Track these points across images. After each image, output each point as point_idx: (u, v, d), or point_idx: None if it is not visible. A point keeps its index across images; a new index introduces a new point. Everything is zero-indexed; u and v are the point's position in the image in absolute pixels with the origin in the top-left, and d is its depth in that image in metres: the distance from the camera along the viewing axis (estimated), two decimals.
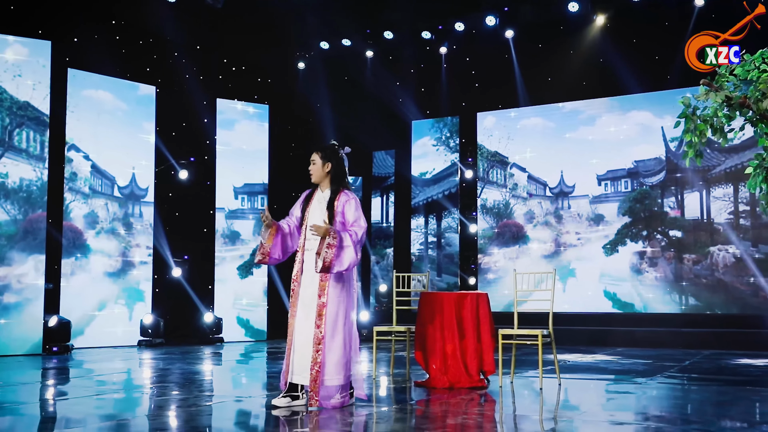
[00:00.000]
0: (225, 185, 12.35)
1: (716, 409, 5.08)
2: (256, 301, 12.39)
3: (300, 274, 5.15)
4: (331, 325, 4.97)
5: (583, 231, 12.25)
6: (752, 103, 4.28)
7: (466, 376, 6.10)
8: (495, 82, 12.98)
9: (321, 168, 5.21)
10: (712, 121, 4.44)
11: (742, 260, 11.08)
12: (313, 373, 4.88)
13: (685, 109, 4.55)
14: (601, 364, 8.08)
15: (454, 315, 6.18)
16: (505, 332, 6.17)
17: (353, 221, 5.05)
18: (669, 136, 11.75)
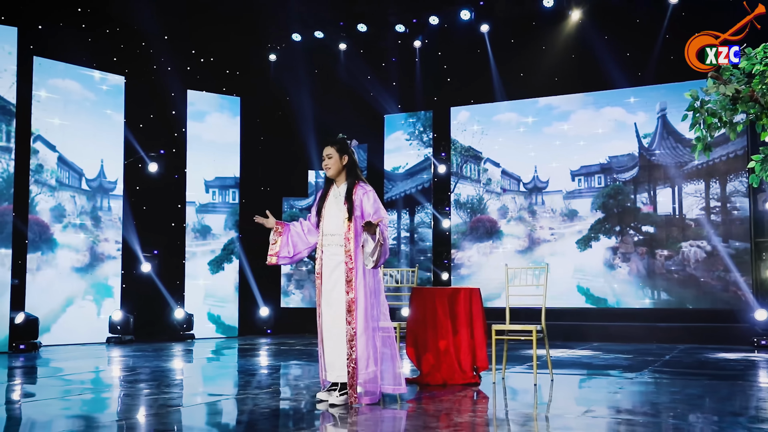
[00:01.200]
0: (196, 178, 12.09)
1: (718, 404, 5.09)
2: (228, 296, 12.18)
3: (321, 271, 5.07)
4: (363, 320, 4.92)
5: (556, 226, 12.29)
6: (759, 96, 4.26)
7: (460, 373, 6.02)
8: (469, 76, 12.93)
9: (339, 161, 5.13)
10: (721, 114, 4.41)
11: (713, 255, 11.23)
12: (349, 370, 4.85)
13: (692, 102, 4.51)
14: (583, 359, 8.09)
15: (448, 311, 6.09)
16: (498, 328, 6.10)
17: (373, 213, 4.95)
18: (642, 132, 11.84)
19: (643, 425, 4.15)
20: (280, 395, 5.44)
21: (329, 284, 5.02)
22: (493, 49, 12.68)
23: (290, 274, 13.48)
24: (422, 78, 13.28)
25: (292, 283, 13.45)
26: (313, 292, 13.32)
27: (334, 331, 4.97)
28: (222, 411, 4.88)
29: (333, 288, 5.00)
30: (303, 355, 8.85)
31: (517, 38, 12.62)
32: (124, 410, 4.90)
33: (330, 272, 5.02)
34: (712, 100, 4.52)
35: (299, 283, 13.43)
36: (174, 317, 11.39)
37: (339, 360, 4.92)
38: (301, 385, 6.01)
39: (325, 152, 5.17)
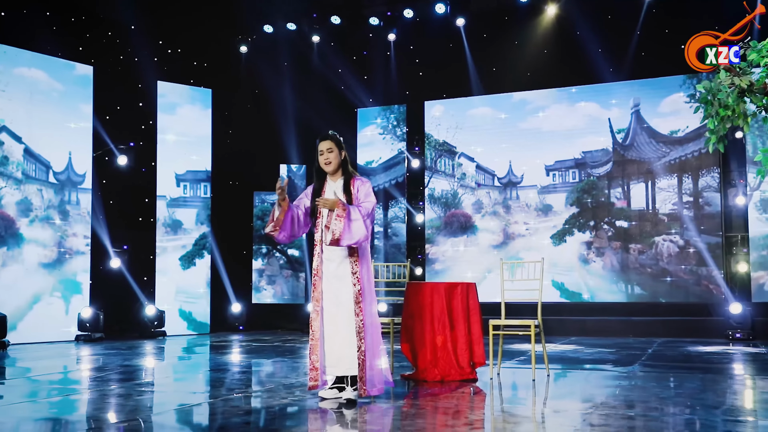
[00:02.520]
0: (166, 172, 11.81)
1: (720, 398, 5.10)
2: (199, 292, 11.93)
3: (321, 268, 4.96)
4: (369, 312, 4.89)
5: (531, 221, 12.31)
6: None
7: (457, 368, 5.94)
8: (444, 70, 12.87)
9: (339, 156, 5.04)
10: (734, 106, 4.40)
11: (686, 250, 11.37)
12: (359, 362, 4.79)
13: (704, 94, 4.49)
14: (568, 354, 8.09)
15: (445, 306, 6.01)
16: (495, 323, 6.04)
17: (363, 198, 4.87)
18: (616, 127, 11.93)
19: (659, 421, 4.13)
20: (274, 394, 5.29)
21: (337, 278, 4.90)
22: (468, 43, 12.63)
23: (261, 270, 13.27)
24: (396, 72, 13.17)
25: (264, 278, 13.24)
26: (285, 288, 13.15)
27: (341, 325, 4.86)
28: (214, 412, 4.71)
29: (341, 282, 4.89)
30: (285, 352, 8.69)
31: (491, 32, 12.61)
32: (94, 412, 4.66)
33: (336, 266, 4.92)
34: (722, 92, 4.50)
35: (271, 279, 13.23)
36: (145, 314, 11.10)
37: (349, 353, 4.83)
38: (289, 384, 5.86)
39: (325, 146, 5.03)
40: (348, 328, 4.85)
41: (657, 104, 11.73)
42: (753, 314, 10.19)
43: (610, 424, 4.01)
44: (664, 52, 11.70)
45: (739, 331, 9.88)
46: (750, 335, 9.83)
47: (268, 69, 13.13)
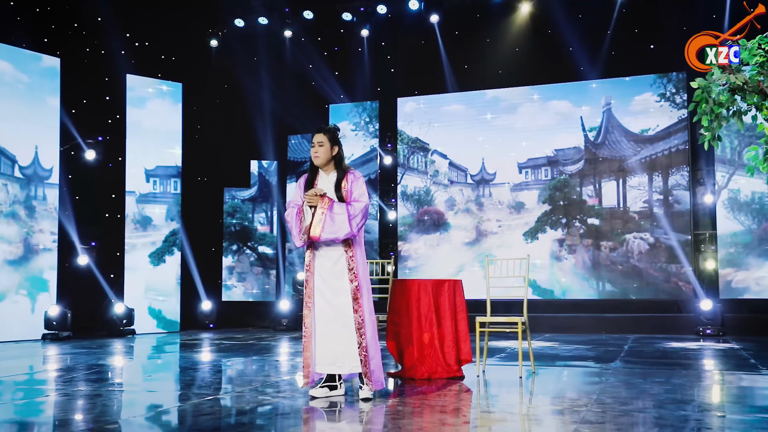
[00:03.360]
0: (136, 167, 11.58)
1: (709, 394, 5.15)
2: (169, 290, 11.73)
3: (313, 263, 4.89)
4: (367, 308, 4.85)
5: (503, 218, 12.35)
6: (765, 87, 4.30)
7: (444, 366, 5.90)
8: (416, 67, 12.83)
9: (329, 151, 4.97)
10: (728, 104, 4.43)
11: (656, 247, 11.51)
12: (362, 358, 4.76)
13: (699, 92, 4.51)
14: (547, 351, 8.11)
15: (432, 303, 5.97)
16: (482, 320, 6.02)
17: (356, 197, 4.81)
18: (588, 125, 12.02)
19: (658, 417, 4.14)
20: (263, 393, 5.20)
21: (334, 276, 4.84)
22: (441, 40, 12.62)
23: (232, 267, 13.11)
24: (369, 68, 13.11)
25: (234, 276, 13.08)
26: (256, 285, 13.00)
27: (339, 323, 4.80)
28: (200, 413, 4.61)
29: (339, 279, 4.83)
30: (262, 350, 8.58)
31: (465, 30, 12.61)
32: (61, 414, 4.48)
33: (333, 263, 4.86)
34: (715, 90, 4.53)
35: (241, 276, 13.07)
36: (113, 312, 10.86)
37: (350, 351, 4.77)
38: (274, 383, 5.77)
39: (316, 139, 4.97)
40: (347, 325, 4.79)
41: (628, 103, 11.86)
42: (722, 311, 10.35)
43: (610, 420, 4.01)
44: (635, 52, 11.85)
45: (710, 327, 10.03)
46: (720, 331, 9.98)
47: (240, 64, 12.96)
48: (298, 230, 4.85)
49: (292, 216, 4.91)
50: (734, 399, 5.03)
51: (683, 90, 11.60)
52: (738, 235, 11.12)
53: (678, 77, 11.62)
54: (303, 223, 4.82)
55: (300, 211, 4.87)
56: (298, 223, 4.85)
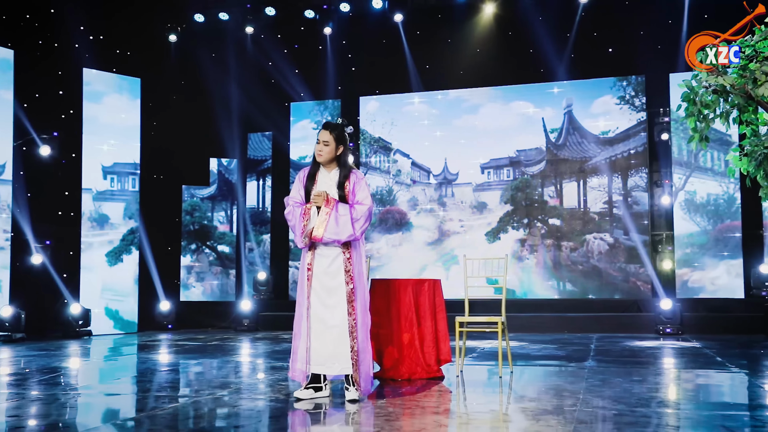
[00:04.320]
0: (92, 164, 11.26)
1: (690, 390, 5.23)
2: (127, 290, 11.44)
3: (312, 262, 4.78)
4: (361, 311, 4.79)
5: (466, 218, 12.40)
6: (750, 90, 4.37)
7: (424, 366, 5.87)
8: (379, 66, 12.78)
9: (334, 151, 4.87)
10: (715, 106, 4.48)
11: (615, 247, 11.70)
12: (353, 361, 4.70)
13: (687, 93, 4.55)
14: (517, 350, 8.15)
15: (413, 302, 5.92)
16: (462, 320, 6.01)
17: (360, 199, 4.75)
18: (549, 127, 12.15)
19: (648, 416, 4.18)
20: (248, 395, 5.08)
21: (329, 276, 4.77)
22: (404, 40, 12.60)
23: (190, 266, 12.87)
24: (331, 66, 13.01)
25: (193, 275, 12.84)
26: (215, 285, 12.79)
27: (332, 324, 4.73)
28: (187, 416, 4.48)
29: (334, 279, 4.76)
30: (230, 351, 8.42)
31: (428, 29, 12.62)
32: (12, 420, 4.25)
33: (329, 263, 4.79)
34: (699, 92, 4.58)
35: (200, 276, 12.84)
36: (69, 312, 10.54)
37: (342, 352, 4.70)
38: (252, 384, 5.66)
39: (322, 137, 4.87)
40: (340, 326, 4.72)
41: (589, 105, 12.02)
42: (681, 310, 10.56)
43: (603, 420, 4.02)
44: (595, 55, 12.03)
45: (669, 326, 10.21)
46: (679, 330, 10.18)
47: (200, 60, 12.72)
48: (301, 231, 4.75)
49: (296, 216, 4.80)
50: (722, 396, 5.12)
51: (642, 93, 11.82)
52: (694, 235, 11.37)
53: (637, 80, 11.83)
54: (308, 224, 4.73)
55: (305, 212, 4.78)
56: (301, 223, 4.76)
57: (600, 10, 11.88)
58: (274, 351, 8.29)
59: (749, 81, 4.44)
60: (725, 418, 4.10)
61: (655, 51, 11.74)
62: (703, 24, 11.54)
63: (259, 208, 13.12)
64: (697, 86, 4.67)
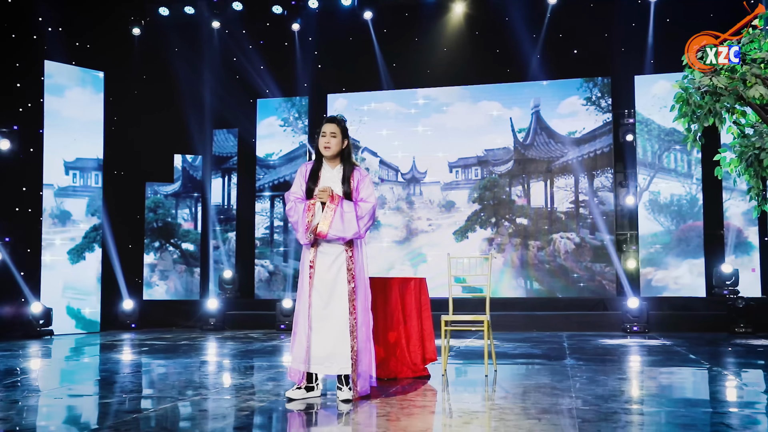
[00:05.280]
0: (54, 159, 10.95)
1: (678, 388, 5.29)
2: (89, 288, 11.16)
3: (315, 259, 4.69)
4: (362, 311, 4.73)
5: (434, 217, 12.41)
6: (742, 91, 4.43)
7: (410, 365, 5.83)
8: (348, 64, 12.72)
9: (340, 143, 4.79)
10: (708, 107, 4.53)
11: (582, 247, 11.84)
12: (352, 362, 4.62)
13: (680, 94, 4.59)
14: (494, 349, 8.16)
15: (399, 301, 5.88)
16: (447, 318, 5.99)
17: (364, 197, 4.68)
18: (517, 127, 12.24)
19: (648, 415, 4.21)
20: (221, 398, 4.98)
21: (330, 274, 4.69)
22: (373, 38, 12.56)
23: (154, 264, 12.61)
24: (299, 63, 12.89)
25: (156, 274, 12.59)
26: (179, 284, 12.57)
27: (332, 323, 4.65)
28: (185, 417, 4.37)
29: (336, 277, 4.68)
30: (202, 350, 8.26)
31: (397, 28, 12.60)
32: None
33: (332, 261, 4.71)
34: (692, 93, 4.63)
35: (164, 274, 12.60)
36: (30, 312, 10.24)
37: (342, 352, 4.63)
38: (240, 385, 5.56)
39: (329, 129, 4.78)
40: (340, 325, 4.65)
41: (556, 106, 12.14)
42: (647, 308, 10.73)
43: (605, 419, 4.04)
44: (563, 56, 12.15)
45: (636, 324, 10.37)
46: (645, 328, 10.34)
47: (165, 54, 12.48)
48: (305, 227, 4.66)
49: (299, 212, 4.71)
50: (708, 392, 5.19)
51: (608, 94, 11.98)
52: (658, 235, 11.57)
53: (603, 82, 11.99)
54: (313, 220, 4.64)
55: (308, 207, 4.69)
56: (305, 219, 4.67)
57: (568, 11, 12.01)
58: (249, 351, 8.16)
59: (739, 82, 4.50)
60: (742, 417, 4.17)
61: (621, 53, 11.92)
62: (666, 28, 11.80)
63: (225, 206, 12.93)
64: (689, 88, 4.72)
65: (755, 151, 4.51)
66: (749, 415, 4.25)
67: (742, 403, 4.72)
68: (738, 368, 6.51)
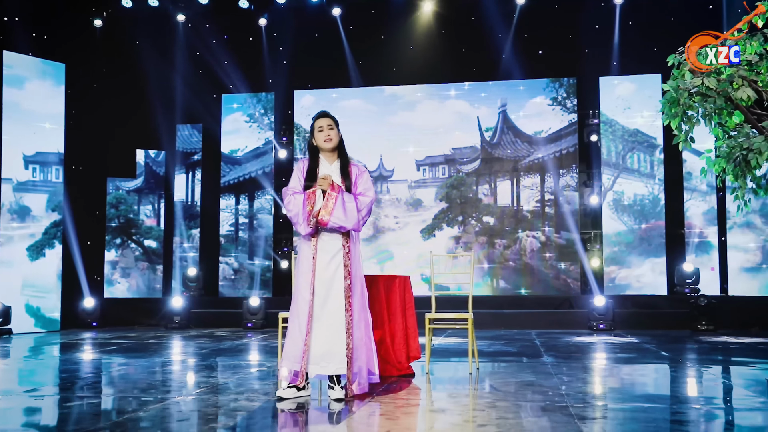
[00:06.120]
0: (13, 153, 10.62)
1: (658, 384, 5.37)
2: (49, 286, 10.86)
3: (315, 254, 4.62)
4: (359, 308, 4.67)
5: (401, 215, 12.40)
6: (731, 93, 4.50)
7: (395, 364, 5.80)
8: (315, 60, 12.61)
9: (338, 135, 4.76)
10: (698, 108, 4.58)
11: (547, 245, 11.96)
12: (347, 360, 4.57)
13: (670, 94, 4.63)
14: (465, 347, 8.19)
15: (384, 299, 5.84)
16: (431, 316, 5.97)
17: (362, 191, 4.64)
18: (484, 126, 12.30)
19: (651, 412, 4.26)
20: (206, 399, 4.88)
21: (329, 271, 4.63)
22: (341, 35, 12.48)
23: (115, 262, 12.34)
24: (265, 58, 12.74)
25: (118, 271, 12.32)
26: (141, 281, 12.32)
27: (329, 321, 4.59)
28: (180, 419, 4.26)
29: (333, 274, 4.62)
30: (175, 351, 8.10)
31: (366, 25, 12.54)
32: None
33: (330, 258, 4.65)
34: (682, 93, 4.67)
35: (125, 272, 12.33)
36: None
37: (338, 351, 4.57)
38: (224, 385, 5.45)
39: (325, 123, 4.76)
40: (336, 323, 4.59)
41: (522, 105, 12.24)
42: (613, 306, 10.89)
43: (602, 416, 4.07)
44: (530, 56, 12.25)
45: (602, 322, 10.52)
46: (611, 326, 10.50)
47: (127, 47, 12.21)
48: (305, 215, 4.59)
49: (299, 201, 4.63)
50: (692, 388, 5.28)
51: (574, 95, 12.13)
52: (621, 234, 11.76)
53: (569, 82, 12.13)
54: (314, 207, 4.57)
55: (309, 196, 4.62)
56: (305, 208, 4.59)
57: (535, 12, 12.10)
58: (222, 350, 8.03)
59: (727, 84, 4.57)
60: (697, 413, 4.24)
61: (586, 55, 12.07)
62: (630, 30, 11.98)
63: (189, 202, 12.71)
64: (674, 88, 4.76)
65: (743, 152, 4.58)
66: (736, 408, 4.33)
67: (735, 399, 4.82)
68: (716, 365, 6.64)
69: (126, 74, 12.12)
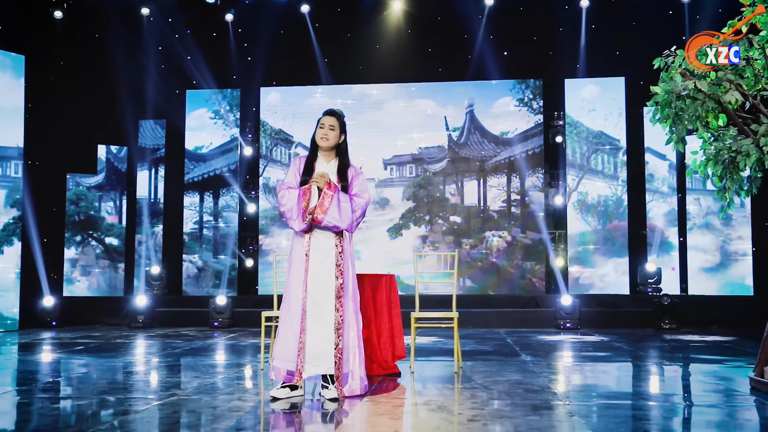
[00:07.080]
0: None
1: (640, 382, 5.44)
2: (7, 285, 10.53)
3: (309, 252, 4.54)
4: (351, 308, 4.63)
5: (368, 214, 12.33)
6: (720, 96, 4.58)
7: (381, 363, 5.76)
8: (283, 57, 12.50)
9: (338, 137, 4.70)
10: (690, 110, 4.65)
11: (513, 245, 12.06)
12: (336, 360, 4.49)
13: (664, 96, 4.69)
14: (440, 345, 8.22)
15: (370, 298, 5.80)
16: (418, 315, 5.96)
17: (358, 192, 4.59)
18: (451, 125, 12.35)
19: (640, 409, 4.31)
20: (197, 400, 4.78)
21: (323, 269, 4.55)
22: (309, 31, 12.40)
23: (75, 260, 12.03)
24: (232, 54, 12.58)
25: (78, 269, 12.01)
26: (102, 280, 12.04)
27: (321, 321, 4.53)
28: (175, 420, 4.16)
29: (327, 273, 4.55)
30: (146, 351, 7.92)
31: (334, 23, 12.48)
32: None
33: (324, 256, 4.58)
34: (673, 96, 4.73)
35: (86, 270, 12.03)
36: None
37: (329, 350, 4.51)
38: (209, 385, 5.35)
39: (328, 121, 4.69)
40: (327, 323, 4.52)
41: (489, 106, 12.32)
42: (579, 305, 11.03)
43: (598, 413, 4.10)
44: (497, 57, 12.34)
45: (569, 320, 10.65)
46: (578, 324, 10.64)
47: (89, 40, 11.94)
48: (300, 212, 4.51)
49: (294, 197, 4.54)
50: (683, 386, 5.37)
51: (540, 96, 12.25)
52: (585, 234, 11.93)
53: (535, 84, 12.25)
54: (310, 203, 4.50)
55: (304, 192, 4.54)
56: (300, 204, 4.51)
57: (502, 14, 12.20)
58: (194, 349, 7.89)
59: (716, 87, 4.66)
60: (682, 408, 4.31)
61: (552, 57, 12.21)
62: (595, 34, 12.16)
63: (152, 199, 12.47)
64: (665, 88, 4.82)
65: (731, 154, 4.68)
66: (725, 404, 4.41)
67: (719, 391, 4.91)
68: (689, 362, 6.77)
69: (88, 67, 11.85)
